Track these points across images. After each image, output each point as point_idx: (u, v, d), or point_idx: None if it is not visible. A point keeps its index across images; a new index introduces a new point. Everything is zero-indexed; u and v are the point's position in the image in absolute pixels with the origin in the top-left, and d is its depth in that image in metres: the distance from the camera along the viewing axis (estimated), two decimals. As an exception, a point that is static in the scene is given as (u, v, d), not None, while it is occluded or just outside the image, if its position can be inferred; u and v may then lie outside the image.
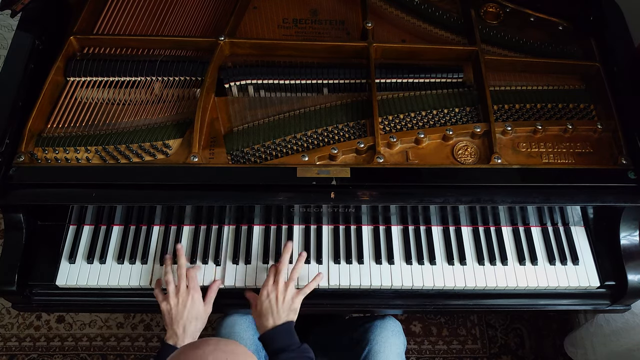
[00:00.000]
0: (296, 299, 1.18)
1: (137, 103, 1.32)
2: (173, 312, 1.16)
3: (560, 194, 1.22)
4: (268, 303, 1.15)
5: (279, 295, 1.16)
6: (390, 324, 1.34)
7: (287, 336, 1.13)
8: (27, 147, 1.22)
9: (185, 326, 1.15)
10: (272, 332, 1.13)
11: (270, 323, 1.14)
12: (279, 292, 1.17)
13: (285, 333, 1.13)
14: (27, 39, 1.30)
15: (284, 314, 1.15)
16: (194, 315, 1.17)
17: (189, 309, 1.16)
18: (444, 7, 1.48)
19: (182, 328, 1.15)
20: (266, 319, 1.15)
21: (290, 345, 1.11)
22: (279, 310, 1.15)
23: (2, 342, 2.00)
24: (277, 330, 1.13)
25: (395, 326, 1.34)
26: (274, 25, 1.45)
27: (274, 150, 1.26)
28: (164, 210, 1.29)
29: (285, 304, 1.16)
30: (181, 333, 1.14)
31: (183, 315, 1.16)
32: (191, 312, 1.16)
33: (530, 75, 1.40)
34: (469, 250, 1.30)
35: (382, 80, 1.36)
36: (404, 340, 1.35)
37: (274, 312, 1.15)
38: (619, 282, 1.27)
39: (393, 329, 1.33)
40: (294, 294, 1.18)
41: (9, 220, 1.22)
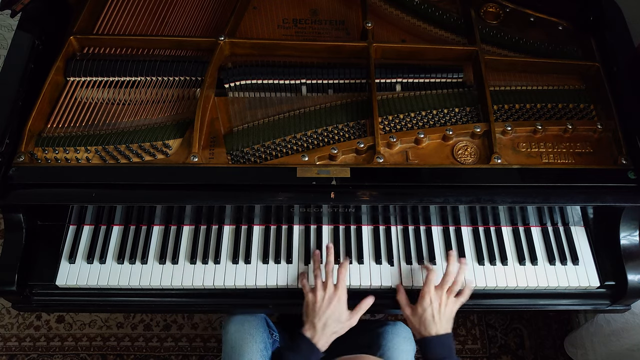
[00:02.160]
0: (454, 309, 1.19)
1: (137, 103, 1.32)
2: (317, 305, 1.16)
3: (560, 194, 1.22)
4: (431, 311, 1.16)
5: (442, 303, 1.17)
6: (402, 330, 1.34)
7: (448, 349, 1.14)
8: (27, 147, 1.22)
9: (326, 324, 1.15)
10: (434, 340, 1.14)
11: (433, 331, 1.15)
12: (442, 300, 1.17)
13: (447, 346, 1.15)
14: (27, 39, 1.30)
15: (445, 323, 1.16)
16: (337, 316, 1.16)
17: (333, 308, 1.16)
18: (444, 7, 1.48)
19: (323, 324, 1.14)
20: (428, 325, 1.15)
21: (449, 357, 1.13)
22: (441, 319, 1.16)
23: (2, 342, 2.00)
24: (440, 341, 1.14)
25: (407, 332, 1.36)
26: (274, 25, 1.45)
27: (274, 150, 1.26)
28: (164, 210, 1.29)
29: (446, 313, 1.17)
30: (320, 328, 1.14)
31: (326, 311, 1.15)
32: (335, 311, 1.16)
33: (530, 75, 1.40)
34: (469, 250, 1.30)
35: (382, 80, 1.36)
36: (415, 347, 1.36)
37: (437, 321, 1.16)
38: (619, 282, 1.27)
39: (405, 335, 1.34)
40: (453, 303, 1.19)
41: (9, 220, 1.22)
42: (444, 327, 1.16)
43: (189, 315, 2.05)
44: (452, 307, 1.19)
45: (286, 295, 1.28)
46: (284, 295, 1.28)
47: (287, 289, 1.27)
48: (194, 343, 2.01)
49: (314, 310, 1.16)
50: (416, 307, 1.18)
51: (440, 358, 1.13)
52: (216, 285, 1.25)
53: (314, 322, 1.15)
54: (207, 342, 2.01)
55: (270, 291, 1.27)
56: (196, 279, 1.26)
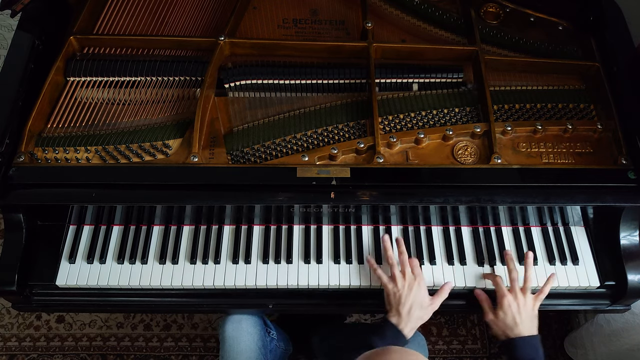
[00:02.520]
0: (535, 306, 1.19)
1: (137, 103, 1.32)
2: (400, 293, 1.16)
3: (560, 194, 1.22)
4: (511, 315, 1.16)
5: (520, 304, 1.17)
6: (416, 338, 1.34)
7: (533, 350, 1.14)
8: (27, 147, 1.22)
9: (411, 309, 1.15)
10: (518, 341, 1.14)
11: (516, 332, 1.15)
12: (520, 302, 1.17)
13: (531, 346, 1.14)
14: (27, 39, 1.30)
15: (528, 322, 1.16)
16: (420, 301, 1.17)
17: (415, 293, 1.16)
18: (444, 7, 1.48)
19: (407, 310, 1.15)
20: (511, 328, 1.16)
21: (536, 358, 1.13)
22: (522, 319, 1.16)
23: (2, 342, 2.00)
24: (524, 342, 1.14)
25: (420, 340, 1.36)
26: (274, 25, 1.45)
27: (274, 150, 1.26)
28: (164, 210, 1.29)
29: (527, 312, 1.17)
30: (405, 315, 1.15)
31: (409, 297, 1.16)
32: (417, 297, 1.16)
33: (530, 75, 1.40)
34: (469, 250, 1.30)
35: (382, 80, 1.35)
36: (427, 353, 1.36)
37: (518, 322, 1.15)
38: (619, 282, 1.27)
39: (419, 342, 1.35)
40: (532, 301, 1.19)
41: (9, 220, 1.22)
42: (527, 327, 1.16)
43: (189, 315, 2.05)
44: (532, 306, 1.18)
45: (286, 295, 1.28)
46: (284, 295, 1.28)
47: (287, 289, 1.27)
48: (194, 343, 2.01)
49: (397, 298, 1.16)
50: (497, 312, 1.18)
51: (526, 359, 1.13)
52: (216, 285, 1.25)
53: (399, 309, 1.15)
54: (207, 342, 2.01)
55: (270, 291, 1.27)
56: (196, 279, 1.26)
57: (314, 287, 1.26)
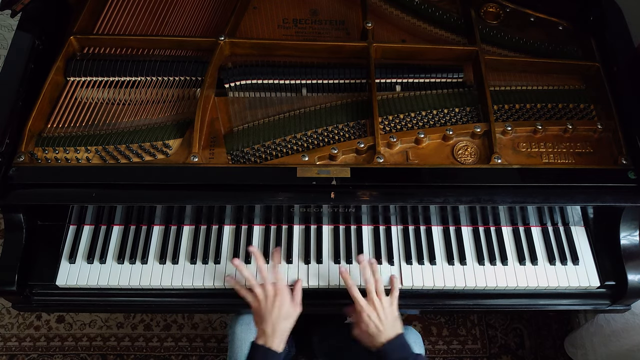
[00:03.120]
0: (393, 307, 1.18)
1: (137, 103, 1.32)
2: (262, 311, 1.15)
3: (560, 194, 1.22)
4: (373, 324, 1.14)
5: (379, 311, 1.15)
6: (411, 335, 1.33)
7: (402, 349, 1.13)
8: (27, 147, 1.22)
9: (275, 325, 1.14)
10: (386, 348, 1.13)
11: (382, 339, 1.14)
12: (378, 309, 1.16)
13: (399, 347, 1.14)
14: (27, 39, 1.30)
15: (390, 327, 1.15)
16: (284, 314, 1.16)
17: (279, 308, 1.15)
18: (444, 7, 1.48)
19: (272, 327, 1.14)
20: (377, 338, 1.14)
21: (408, 358, 1.13)
22: (385, 327, 1.15)
23: (2, 342, 2.00)
24: (392, 346, 1.13)
25: (416, 337, 1.35)
26: (274, 25, 1.45)
27: (274, 150, 1.26)
28: (164, 210, 1.29)
29: (387, 318, 1.16)
30: (270, 332, 1.13)
31: (272, 314, 1.15)
32: (281, 311, 1.15)
33: (530, 75, 1.40)
34: (469, 250, 1.30)
35: (382, 80, 1.35)
36: (424, 350, 1.35)
37: (381, 330, 1.14)
38: (619, 282, 1.27)
39: (414, 339, 1.33)
40: (389, 304, 1.17)
41: (9, 220, 1.22)
42: (390, 331, 1.14)
43: (189, 315, 2.05)
44: (390, 308, 1.17)
45: (286, 295, 1.28)
46: (284, 295, 1.28)
47: (287, 289, 1.27)
48: (194, 343, 2.01)
49: (261, 317, 1.15)
50: (360, 326, 1.17)
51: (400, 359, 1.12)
52: (216, 285, 1.25)
53: (264, 328, 1.14)
54: (207, 342, 2.01)
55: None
56: (196, 279, 1.26)
57: (315, 287, 1.26)
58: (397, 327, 1.16)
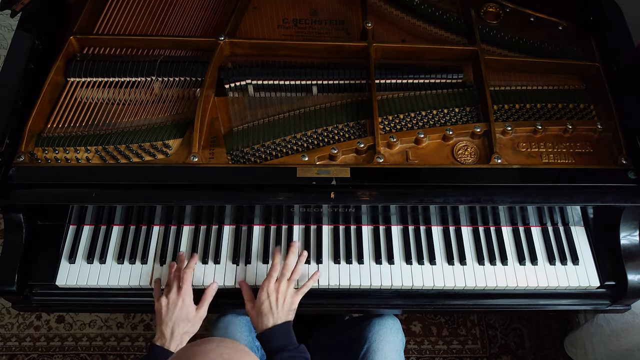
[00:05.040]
0: (295, 299, 1.19)
1: (137, 103, 1.32)
2: (162, 312, 1.15)
3: (560, 194, 1.22)
4: (268, 303, 1.15)
5: (280, 296, 1.16)
6: (388, 322, 1.33)
7: (286, 336, 1.13)
8: (27, 147, 1.22)
9: (173, 328, 1.14)
10: (271, 331, 1.13)
11: (270, 322, 1.14)
12: (280, 293, 1.17)
13: (284, 333, 1.13)
14: (27, 39, 1.30)
15: (283, 314, 1.15)
16: (183, 317, 1.16)
17: (178, 311, 1.15)
18: (444, 7, 1.48)
19: (170, 330, 1.14)
20: (266, 318, 1.15)
21: (288, 345, 1.12)
22: (278, 310, 1.15)
23: (2, 342, 2.00)
24: (277, 330, 1.13)
25: (394, 323, 1.34)
26: (274, 25, 1.45)
27: (274, 150, 1.26)
28: (164, 210, 1.29)
29: (285, 304, 1.17)
30: (168, 335, 1.14)
31: (172, 316, 1.15)
32: (180, 314, 1.15)
33: (530, 75, 1.40)
34: (469, 250, 1.30)
35: (382, 80, 1.35)
36: (403, 338, 1.35)
37: (274, 313, 1.15)
38: (619, 282, 1.27)
39: (392, 326, 1.33)
40: (293, 294, 1.19)
41: (9, 220, 1.22)
42: (281, 317, 1.14)
43: (189, 315, 2.05)
44: (293, 299, 1.18)
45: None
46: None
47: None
48: (194, 343, 2.01)
49: (161, 318, 1.15)
50: (255, 301, 1.17)
51: (278, 347, 1.11)
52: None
53: (162, 329, 1.14)
54: (207, 342, 2.01)
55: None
56: (196, 279, 1.25)
57: (314, 287, 1.26)
58: (289, 317, 1.17)
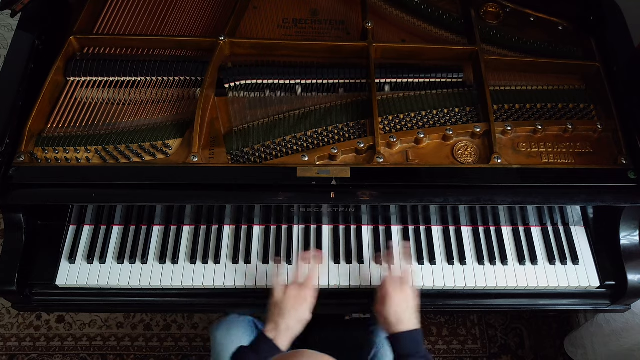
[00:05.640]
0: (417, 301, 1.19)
1: (137, 103, 1.32)
2: (283, 305, 1.14)
3: (560, 194, 1.22)
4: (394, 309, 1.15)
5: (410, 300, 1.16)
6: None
7: (417, 343, 1.14)
8: (27, 147, 1.22)
9: (289, 323, 1.13)
10: (404, 335, 1.13)
11: (402, 327, 1.14)
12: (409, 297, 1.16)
13: (416, 340, 1.14)
14: (27, 39, 1.30)
15: (413, 317, 1.16)
16: (300, 317, 1.15)
17: (298, 308, 1.15)
18: (444, 7, 1.48)
19: (286, 325, 1.13)
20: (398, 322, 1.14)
21: (419, 352, 1.12)
22: (409, 315, 1.15)
23: (2, 342, 2.00)
24: (409, 336, 1.14)
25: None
26: (274, 25, 1.45)
27: (274, 150, 1.26)
28: (164, 210, 1.29)
29: (410, 308, 1.16)
30: (283, 328, 1.12)
31: (291, 313, 1.14)
32: (298, 313, 1.15)
33: (530, 75, 1.40)
34: (469, 250, 1.30)
35: (382, 80, 1.35)
36: None
37: (406, 317, 1.15)
38: (619, 282, 1.27)
39: None
40: (412, 298, 1.18)
41: (9, 220, 1.21)
42: (412, 321, 1.15)
43: (189, 315, 2.05)
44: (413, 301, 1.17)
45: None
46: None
47: (287, 289, 1.26)
48: (194, 343, 2.01)
49: (280, 311, 1.14)
50: (382, 306, 1.17)
51: (408, 353, 1.12)
52: (216, 285, 1.25)
53: (279, 322, 1.13)
54: (207, 342, 2.01)
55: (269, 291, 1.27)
56: (196, 279, 1.26)
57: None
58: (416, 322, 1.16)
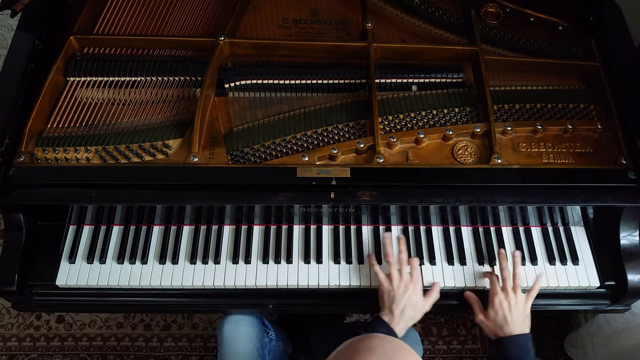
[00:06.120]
0: (527, 305, 1.19)
1: (137, 103, 1.32)
2: (394, 292, 1.16)
3: (560, 194, 1.22)
4: (502, 313, 1.15)
5: (512, 302, 1.16)
6: (411, 334, 1.34)
7: (523, 349, 1.13)
8: (27, 147, 1.22)
9: (404, 310, 1.15)
10: (509, 340, 1.14)
11: (506, 330, 1.15)
12: (511, 300, 1.17)
13: (521, 346, 1.14)
14: (27, 39, 1.30)
15: (519, 321, 1.16)
16: (414, 302, 1.16)
17: (410, 294, 1.16)
18: (444, 7, 1.48)
19: (400, 310, 1.15)
20: (501, 326, 1.15)
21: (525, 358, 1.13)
22: (513, 318, 1.15)
23: (2, 342, 2.00)
24: (515, 340, 1.14)
25: (416, 336, 1.36)
26: (274, 25, 1.45)
27: (274, 150, 1.26)
28: (164, 210, 1.29)
29: (519, 311, 1.16)
30: (398, 314, 1.14)
31: (403, 298, 1.15)
32: (412, 298, 1.16)
33: (530, 75, 1.40)
34: (469, 251, 1.30)
35: (382, 80, 1.35)
36: (421, 350, 1.36)
37: (509, 320, 1.15)
38: (619, 282, 1.27)
39: (415, 339, 1.34)
40: (523, 301, 1.18)
41: (9, 220, 1.21)
42: (518, 326, 1.15)
43: (189, 315, 2.05)
44: (524, 305, 1.18)
45: (286, 296, 1.28)
46: (284, 295, 1.28)
47: (287, 289, 1.26)
48: (194, 343, 2.01)
49: (392, 297, 1.16)
50: (488, 311, 1.18)
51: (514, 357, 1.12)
52: (216, 285, 1.25)
53: (392, 308, 1.15)
54: (207, 342, 2.01)
55: (270, 291, 1.27)
56: (196, 279, 1.26)
57: (314, 287, 1.26)
58: (526, 327, 1.17)
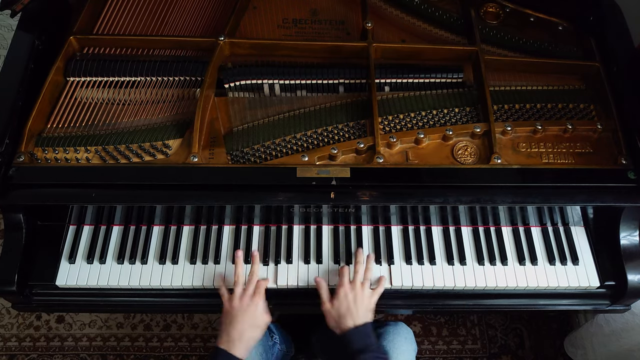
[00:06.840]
0: (372, 299, 1.19)
1: (137, 103, 1.32)
2: (234, 314, 1.14)
3: (560, 194, 1.22)
4: (347, 303, 1.15)
5: (357, 295, 1.16)
6: (402, 331, 1.34)
7: (367, 337, 1.13)
8: (27, 147, 1.22)
9: (242, 332, 1.13)
10: (352, 332, 1.13)
11: (350, 323, 1.14)
12: (357, 293, 1.17)
13: (365, 334, 1.13)
14: (27, 39, 1.30)
15: (362, 314, 1.15)
16: (254, 322, 1.15)
17: (250, 316, 1.14)
18: (444, 7, 1.48)
19: (239, 333, 1.12)
20: (345, 319, 1.15)
21: (370, 346, 1.12)
22: (357, 310, 1.15)
23: (2, 342, 2.00)
24: (358, 331, 1.13)
25: (407, 333, 1.35)
26: (274, 25, 1.45)
27: (274, 150, 1.26)
28: (164, 210, 1.29)
29: (363, 304, 1.16)
30: (236, 338, 1.11)
31: (244, 320, 1.13)
32: (252, 319, 1.15)
33: (530, 75, 1.40)
34: (469, 250, 1.30)
35: (382, 80, 1.35)
36: (415, 347, 1.36)
37: (353, 313, 1.15)
38: (619, 282, 1.27)
39: (405, 335, 1.33)
40: (369, 294, 1.19)
41: (9, 220, 1.22)
42: (361, 318, 1.14)
43: (189, 315, 2.05)
44: (369, 299, 1.18)
45: (287, 295, 1.28)
46: (284, 295, 1.28)
47: (287, 289, 1.27)
48: (194, 343, 2.01)
49: (230, 320, 1.13)
50: (333, 302, 1.17)
51: (360, 348, 1.11)
52: (216, 285, 1.25)
53: (230, 332, 1.12)
54: (207, 342, 2.01)
55: (270, 291, 1.27)
56: (196, 279, 1.26)
57: (314, 286, 1.26)
58: (368, 318, 1.16)
